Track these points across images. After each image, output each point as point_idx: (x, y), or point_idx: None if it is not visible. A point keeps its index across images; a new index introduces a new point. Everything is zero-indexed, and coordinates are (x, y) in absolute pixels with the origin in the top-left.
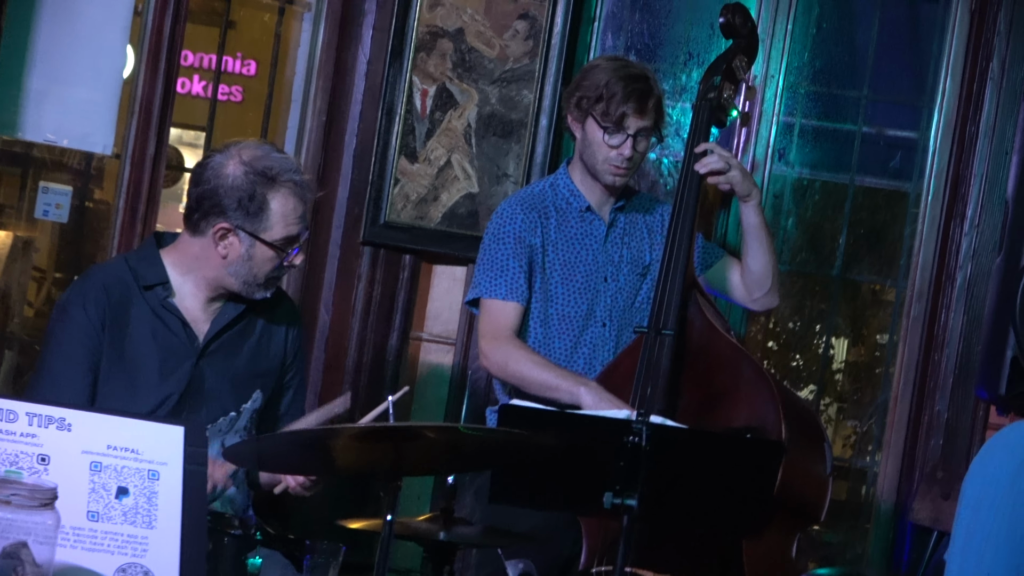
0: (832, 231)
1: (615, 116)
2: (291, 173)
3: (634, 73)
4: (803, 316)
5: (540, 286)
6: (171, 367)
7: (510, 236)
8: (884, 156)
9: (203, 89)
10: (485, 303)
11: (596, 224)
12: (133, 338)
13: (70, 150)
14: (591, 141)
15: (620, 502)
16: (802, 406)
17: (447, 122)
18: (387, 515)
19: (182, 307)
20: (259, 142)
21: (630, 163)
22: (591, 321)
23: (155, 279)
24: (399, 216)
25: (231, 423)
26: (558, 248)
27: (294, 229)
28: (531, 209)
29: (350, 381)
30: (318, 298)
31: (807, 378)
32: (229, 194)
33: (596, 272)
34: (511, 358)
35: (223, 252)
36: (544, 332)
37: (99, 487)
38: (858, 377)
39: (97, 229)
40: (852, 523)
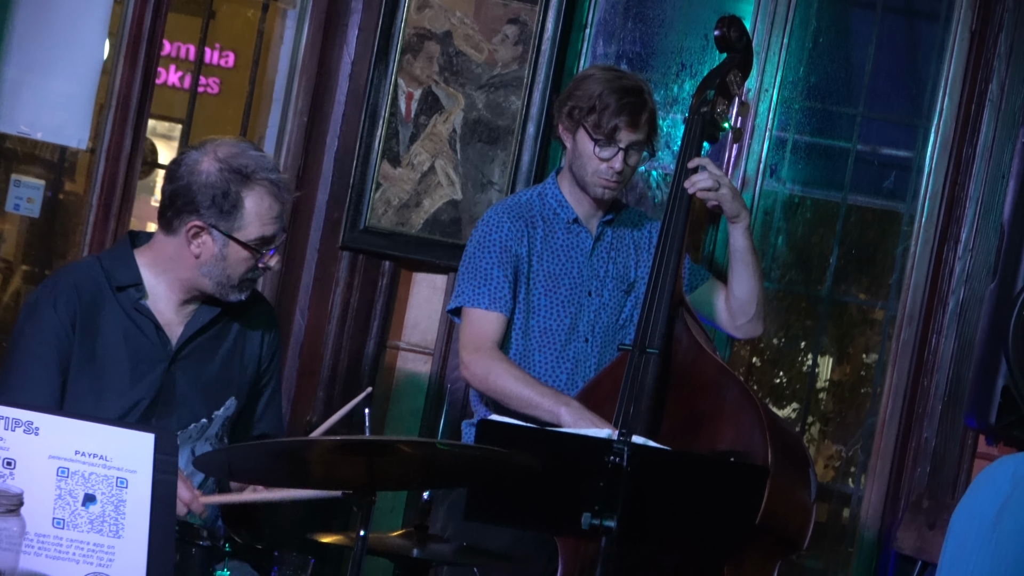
0: (822, 250)
1: (607, 128)
2: (267, 171)
3: (628, 85)
4: (788, 332)
5: (523, 297)
6: (142, 371)
7: (495, 244)
8: (878, 175)
9: (179, 80)
10: (468, 312)
11: (583, 237)
12: (104, 340)
13: (43, 143)
14: (581, 152)
15: (599, 523)
16: (788, 430)
17: (432, 127)
18: (360, 530)
19: (155, 309)
20: (236, 139)
21: (620, 177)
22: (574, 336)
23: (128, 280)
24: (380, 221)
25: (202, 430)
26: (543, 259)
27: (269, 229)
28: (518, 218)
29: (324, 388)
30: (294, 302)
31: (790, 396)
32: (203, 191)
33: (580, 286)
34: (492, 371)
35: (196, 251)
36: (525, 345)
37: (66, 494)
38: (842, 397)
39: (69, 225)
40: (834, 548)
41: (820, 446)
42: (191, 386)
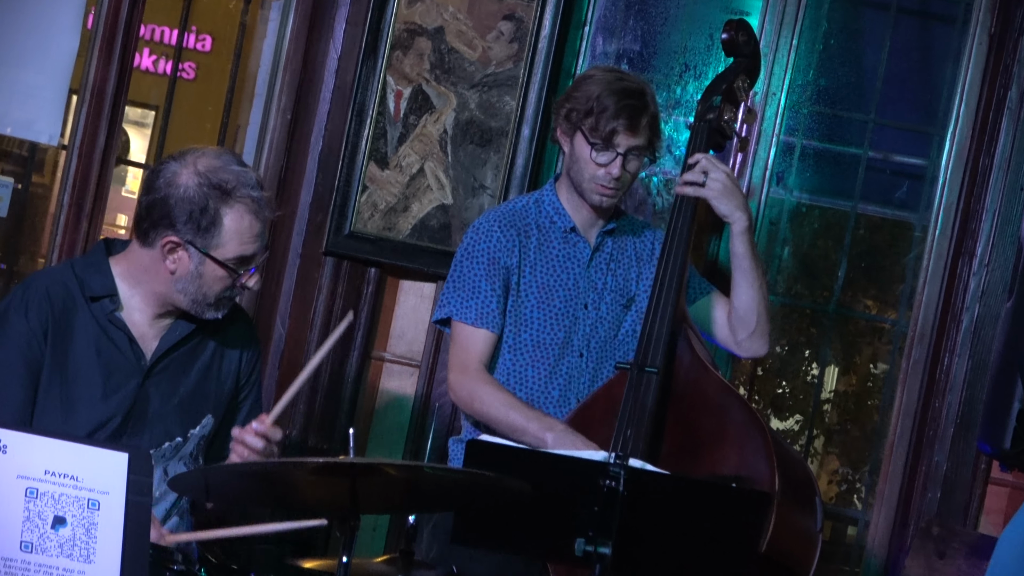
0: (830, 262)
1: (604, 132)
2: (249, 188)
3: (628, 87)
4: (791, 340)
5: (512, 309)
6: (114, 386)
7: (483, 255)
8: (889, 184)
9: (152, 64)
10: (456, 327)
11: (580, 246)
12: (76, 352)
13: (12, 138)
14: (579, 157)
15: (592, 550)
16: (793, 455)
17: (422, 127)
18: (342, 557)
19: (130, 321)
20: (219, 151)
21: (618, 183)
22: (567, 350)
23: (102, 290)
24: (365, 226)
25: (176, 449)
26: (536, 270)
27: (249, 248)
28: (509, 227)
29: (305, 402)
30: (274, 310)
31: (793, 407)
32: (180, 206)
33: (576, 298)
34: (476, 396)
35: (171, 267)
36: (514, 359)
37: (34, 515)
38: (848, 409)
39: (38, 225)
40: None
41: (824, 461)
42: (165, 403)
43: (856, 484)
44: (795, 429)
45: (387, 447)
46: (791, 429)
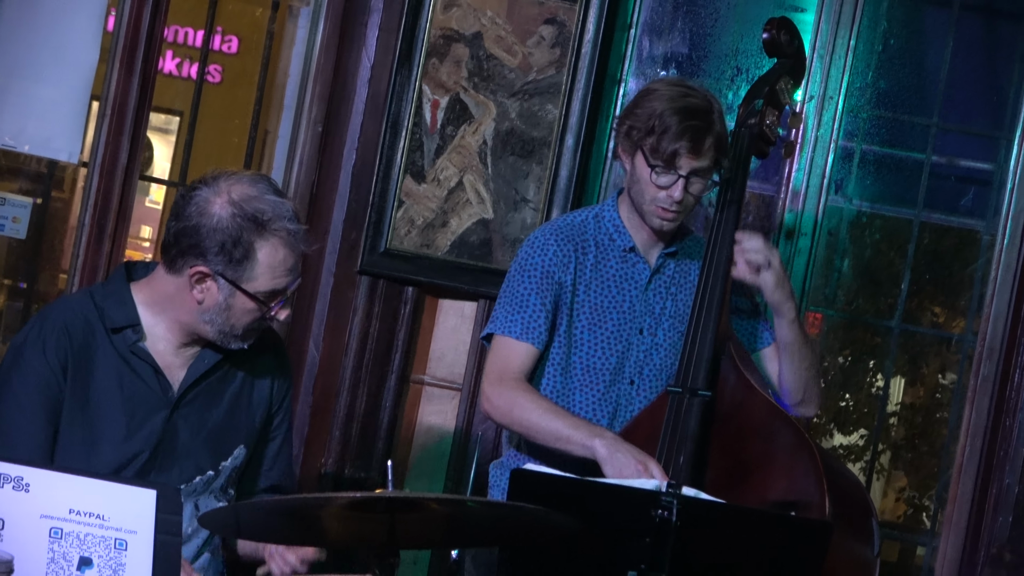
0: (892, 273)
1: (666, 154)
2: (285, 221)
3: (693, 105)
4: (854, 350)
5: (565, 330)
6: (140, 421)
7: (537, 270)
8: (954, 191)
9: (176, 67)
10: (497, 340)
11: (639, 268)
12: (97, 387)
13: (31, 156)
14: (639, 178)
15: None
16: (847, 477)
17: (460, 138)
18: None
19: (154, 351)
20: (254, 178)
21: (680, 207)
22: (619, 377)
23: (124, 320)
24: (402, 243)
25: (207, 483)
26: (591, 289)
27: (281, 282)
28: (566, 241)
29: (340, 428)
30: (307, 334)
31: (857, 421)
32: (211, 236)
33: (631, 322)
34: (517, 404)
35: (199, 297)
36: (564, 382)
37: (59, 557)
38: (915, 422)
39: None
40: None
41: (890, 478)
42: (195, 435)
43: (925, 503)
44: (859, 444)
45: (427, 476)
46: (855, 444)
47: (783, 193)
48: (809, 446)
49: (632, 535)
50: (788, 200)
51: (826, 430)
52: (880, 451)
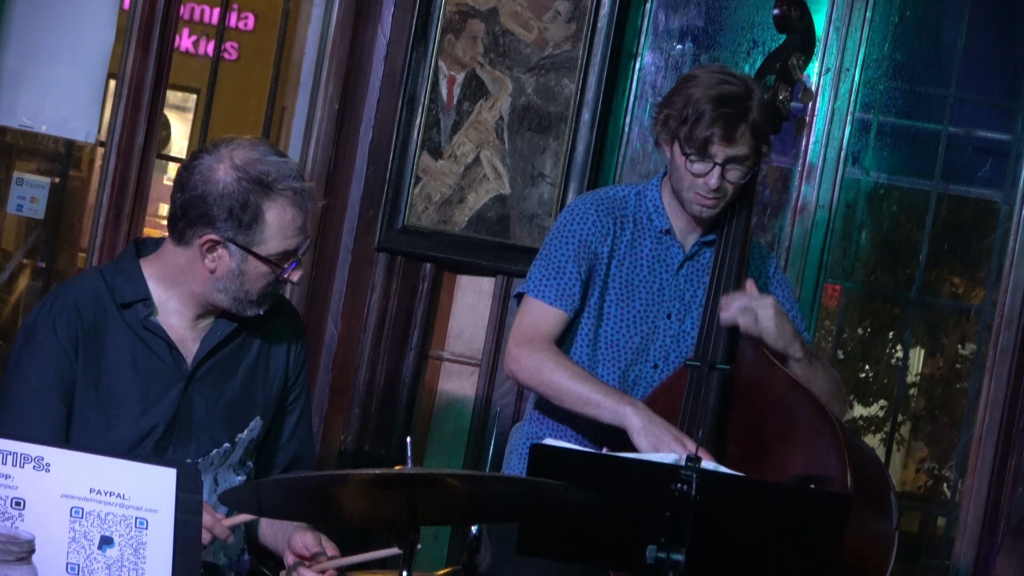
0: (910, 245)
1: (699, 142)
2: (290, 180)
3: (728, 93)
4: (873, 322)
5: (596, 302)
6: (155, 396)
7: (575, 237)
8: (972, 162)
9: (193, 45)
10: (529, 302)
11: (673, 251)
12: (111, 364)
13: (48, 136)
14: (677, 166)
15: (665, 557)
16: (866, 451)
17: (476, 114)
18: (403, 572)
19: (167, 325)
20: (254, 142)
21: (718, 194)
22: (641, 358)
23: (134, 295)
24: (419, 219)
25: (224, 456)
26: (624, 265)
27: (292, 243)
28: (607, 213)
29: (359, 405)
30: (325, 310)
31: (876, 392)
32: (219, 203)
33: (660, 305)
34: (546, 365)
35: (211, 266)
36: (591, 355)
37: (80, 536)
38: (935, 393)
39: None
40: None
41: (911, 448)
42: (211, 408)
43: (945, 474)
44: (879, 416)
45: (447, 452)
46: (875, 416)
47: (800, 166)
48: (830, 420)
49: (652, 509)
50: (805, 173)
51: (846, 402)
52: (900, 422)
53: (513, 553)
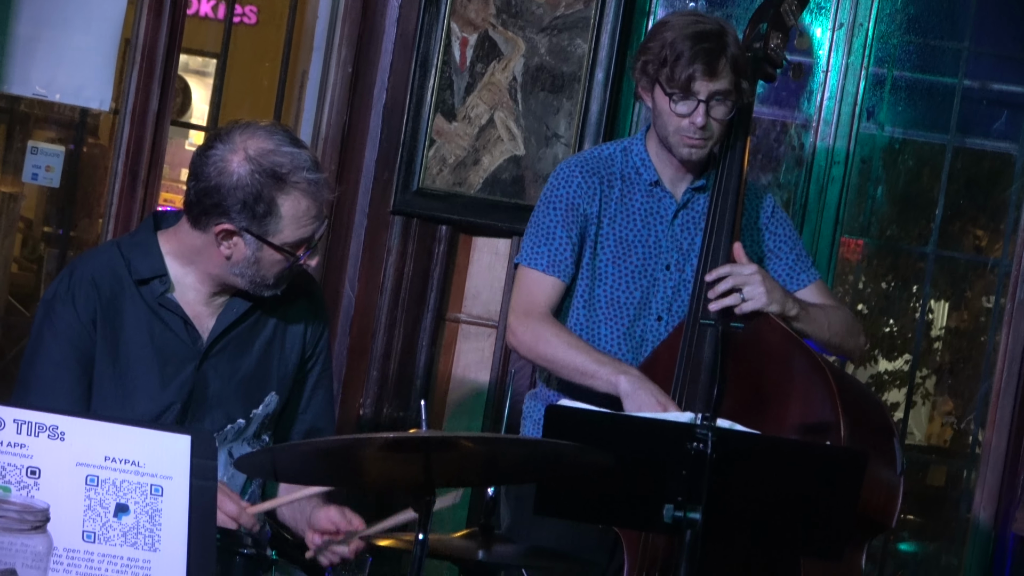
0: (927, 200)
1: (681, 80)
2: (304, 171)
3: (703, 30)
4: (897, 275)
5: (589, 263)
6: (172, 372)
7: (562, 202)
8: (987, 115)
9: (211, 9)
10: (523, 272)
11: (665, 202)
12: (128, 339)
13: (62, 105)
14: (661, 111)
15: (682, 516)
16: (867, 398)
17: (490, 75)
18: (419, 535)
19: (183, 302)
20: (269, 129)
21: (705, 133)
22: (644, 312)
23: (151, 272)
24: (434, 182)
25: (239, 432)
26: (616, 222)
27: (307, 231)
28: (592, 174)
29: (378, 368)
30: (342, 275)
31: (901, 346)
32: (232, 195)
33: (657, 257)
34: (541, 338)
35: (226, 252)
36: (588, 315)
37: (96, 504)
38: (960, 347)
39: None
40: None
41: (936, 402)
42: (225, 385)
43: (971, 427)
44: (904, 370)
45: (466, 414)
46: (900, 370)
47: (815, 122)
48: (823, 370)
49: (668, 468)
50: (820, 128)
51: (871, 356)
52: (925, 376)
53: (531, 512)
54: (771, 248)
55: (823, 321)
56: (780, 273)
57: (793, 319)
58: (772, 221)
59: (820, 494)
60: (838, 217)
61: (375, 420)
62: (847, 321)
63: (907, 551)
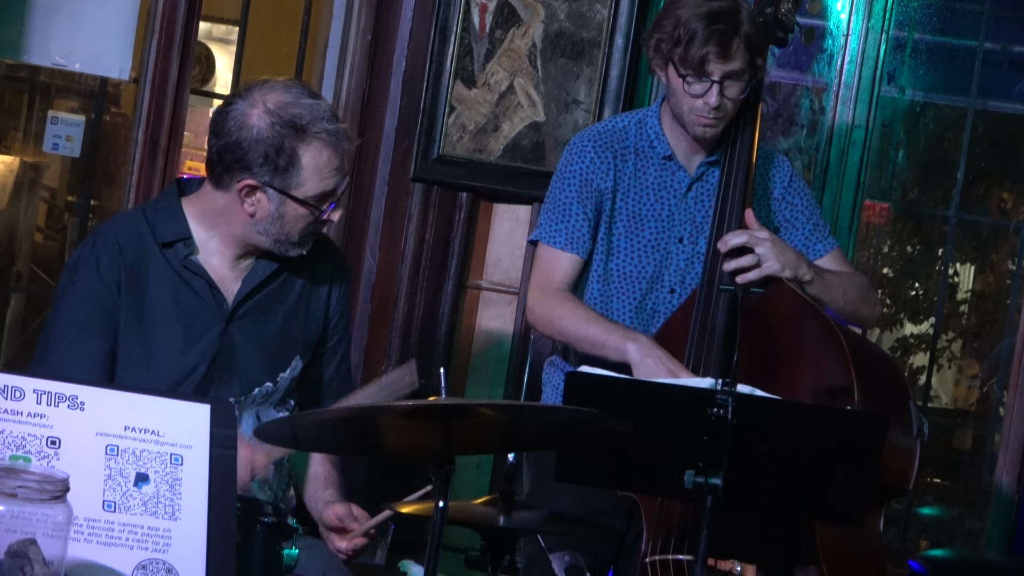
0: (948, 164)
1: (694, 61)
2: (324, 122)
3: (717, 9)
4: (922, 239)
5: (604, 237)
6: (196, 335)
7: (576, 177)
8: (1009, 77)
9: None
10: (541, 250)
11: (679, 176)
12: (152, 302)
13: (82, 75)
14: (674, 89)
15: (703, 481)
16: (883, 362)
17: (509, 42)
18: (438, 502)
19: (208, 265)
20: (287, 84)
21: (719, 113)
22: (657, 285)
23: (175, 235)
24: (454, 149)
25: (267, 395)
26: (629, 196)
27: (329, 184)
28: (605, 148)
29: (399, 336)
30: (363, 243)
31: (927, 310)
32: (254, 148)
33: (670, 231)
34: (556, 313)
35: (250, 209)
36: (603, 289)
37: (116, 473)
38: (985, 309)
39: (113, 164)
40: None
41: (962, 365)
42: (251, 348)
43: (995, 388)
44: (930, 333)
45: (488, 381)
46: (926, 333)
47: (835, 86)
48: (836, 334)
49: (689, 434)
50: (840, 93)
51: (897, 319)
52: (951, 339)
53: (552, 478)
54: (788, 219)
55: (838, 288)
56: (796, 243)
57: (807, 284)
58: (789, 191)
59: (840, 458)
60: (859, 182)
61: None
62: (863, 289)
63: (931, 515)
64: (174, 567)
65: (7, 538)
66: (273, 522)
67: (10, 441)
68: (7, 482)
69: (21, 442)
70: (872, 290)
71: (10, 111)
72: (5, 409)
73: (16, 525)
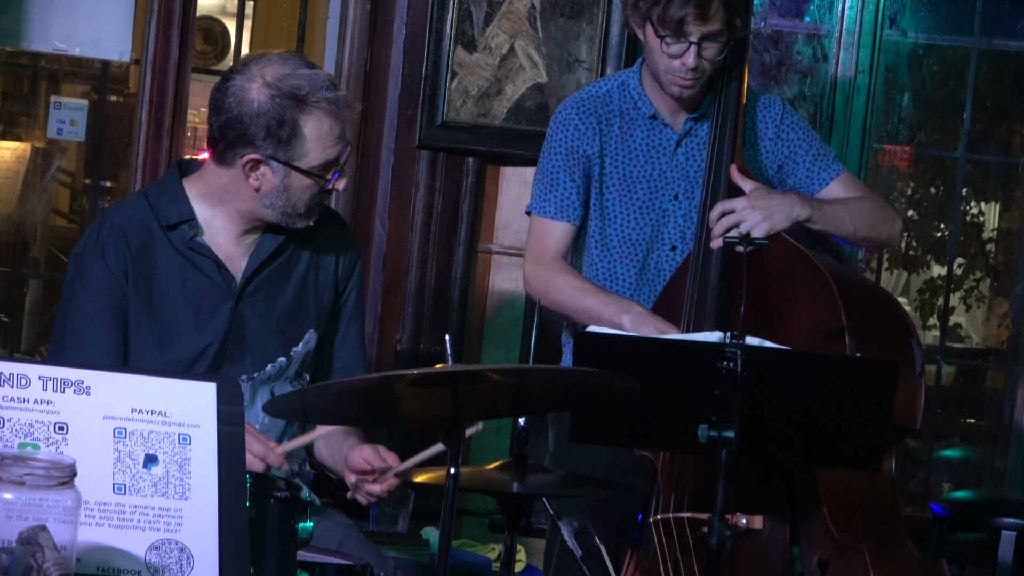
0: (954, 105)
1: (673, 22)
2: (323, 91)
3: None
4: (946, 179)
5: (596, 202)
6: (207, 314)
7: (562, 146)
8: (1011, 15)
9: None
10: (534, 221)
11: (666, 133)
12: (161, 286)
13: (83, 58)
14: (651, 48)
15: (717, 435)
16: (880, 301)
17: (508, 4)
18: (450, 467)
19: (213, 244)
20: (283, 56)
21: (696, 74)
22: (657, 245)
23: (178, 216)
24: (458, 114)
25: (280, 371)
26: (618, 160)
27: (333, 152)
28: (589, 114)
29: (412, 304)
30: (372, 212)
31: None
32: (255, 121)
33: (664, 189)
34: (552, 285)
35: (255, 184)
36: (603, 255)
37: (124, 456)
38: (1012, 247)
39: (118, 146)
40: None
41: (992, 304)
42: (263, 324)
43: (1012, 326)
44: (957, 273)
45: (503, 344)
46: (955, 274)
47: (838, 32)
48: (824, 277)
49: (700, 388)
50: (843, 38)
51: (923, 261)
52: (979, 279)
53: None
54: (787, 156)
55: (843, 216)
56: (800, 177)
57: (808, 222)
58: (783, 128)
59: (852, 406)
60: (865, 127)
61: (412, 356)
62: (874, 210)
63: (956, 457)
64: (187, 546)
65: (18, 525)
66: (286, 497)
67: (18, 429)
68: (14, 470)
69: (29, 429)
70: (887, 207)
71: (16, 98)
72: (11, 397)
73: (26, 512)
